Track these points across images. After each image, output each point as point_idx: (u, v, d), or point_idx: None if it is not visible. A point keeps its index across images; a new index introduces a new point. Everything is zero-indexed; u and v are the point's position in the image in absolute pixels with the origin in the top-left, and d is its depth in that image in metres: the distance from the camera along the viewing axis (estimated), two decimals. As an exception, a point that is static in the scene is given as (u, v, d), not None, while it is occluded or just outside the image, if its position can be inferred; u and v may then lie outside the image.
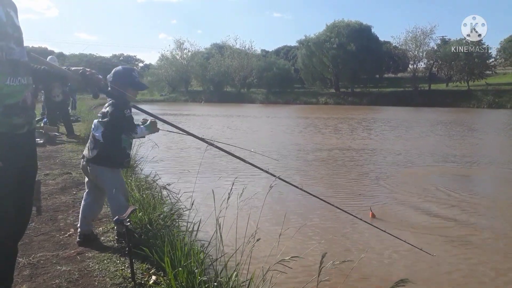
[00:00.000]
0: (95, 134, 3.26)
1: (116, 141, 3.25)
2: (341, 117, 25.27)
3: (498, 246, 4.46)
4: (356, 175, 8.17)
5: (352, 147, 11.95)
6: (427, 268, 3.81)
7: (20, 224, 2.16)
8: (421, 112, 30.89)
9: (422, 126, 19.11)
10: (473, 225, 5.13)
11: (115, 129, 3.23)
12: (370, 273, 3.61)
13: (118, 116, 3.21)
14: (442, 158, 10.10)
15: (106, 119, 3.23)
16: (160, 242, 3.08)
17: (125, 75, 3.28)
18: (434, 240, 4.56)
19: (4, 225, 1.97)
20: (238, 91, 56.78)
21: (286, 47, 67.23)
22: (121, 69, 3.34)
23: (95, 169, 3.29)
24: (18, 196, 2.03)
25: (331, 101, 46.31)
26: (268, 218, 5.13)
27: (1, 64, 1.84)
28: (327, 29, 51.35)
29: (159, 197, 4.75)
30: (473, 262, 4.01)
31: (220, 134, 15.13)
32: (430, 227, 5.03)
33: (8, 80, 1.88)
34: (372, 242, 4.47)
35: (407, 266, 3.86)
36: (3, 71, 1.86)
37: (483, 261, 4.01)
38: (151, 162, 7.15)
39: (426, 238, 4.62)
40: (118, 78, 3.25)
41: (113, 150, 3.26)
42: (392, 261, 3.97)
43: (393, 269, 3.78)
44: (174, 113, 29.79)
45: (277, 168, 8.91)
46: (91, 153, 3.28)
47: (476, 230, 4.94)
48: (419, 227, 5.01)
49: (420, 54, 48.80)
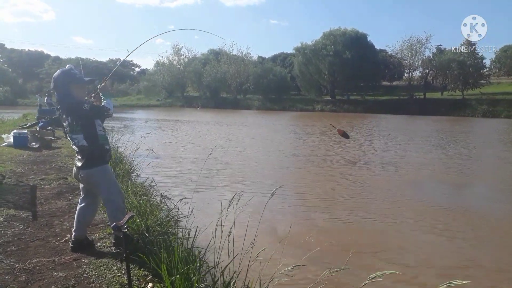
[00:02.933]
0: (79, 144, 3.28)
1: (94, 140, 3.30)
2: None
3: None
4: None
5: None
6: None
7: None
8: (415, 119, 31.07)
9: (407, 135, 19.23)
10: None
11: (92, 126, 3.29)
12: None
13: (85, 114, 3.25)
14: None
15: (78, 124, 3.25)
16: (157, 249, 3.08)
17: (65, 76, 3.30)
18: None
19: None
20: (235, 97, 56.84)
21: (283, 54, 67.44)
22: (59, 72, 3.34)
23: (87, 174, 3.30)
24: None
25: (326, 108, 46.47)
26: (267, 226, 5.13)
27: None
28: (323, 37, 51.63)
29: (156, 203, 4.75)
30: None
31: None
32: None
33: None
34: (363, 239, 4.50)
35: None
36: None
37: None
38: (147, 168, 7.14)
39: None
40: (59, 81, 3.28)
41: (96, 149, 3.31)
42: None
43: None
44: (171, 118, 29.70)
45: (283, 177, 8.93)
46: (80, 162, 3.31)
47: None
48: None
49: (416, 63, 49.19)
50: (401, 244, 4.82)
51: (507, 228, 5.49)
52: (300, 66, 52.24)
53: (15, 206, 4.76)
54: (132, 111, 41.84)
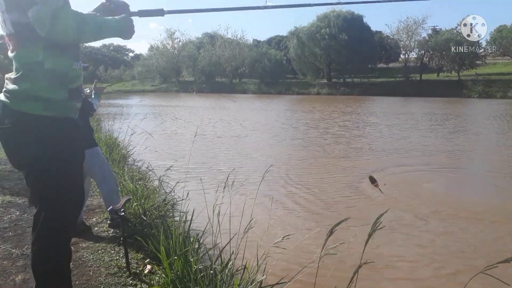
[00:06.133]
0: None
1: (87, 123, 3.62)
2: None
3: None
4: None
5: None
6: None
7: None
8: (410, 102, 31.07)
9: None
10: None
11: (83, 112, 3.46)
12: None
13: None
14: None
15: None
16: (155, 232, 3.08)
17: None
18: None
19: (77, 210, 2.05)
20: (230, 81, 56.46)
21: (278, 37, 66.75)
22: None
23: None
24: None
25: (323, 91, 46.30)
26: (263, 205, 5.15)
27: (68, 47, 1.83)
28: (318, 19, 51.10)
29: (153, 187, 4.74)
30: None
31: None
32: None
33: (73, 64, 1.88)
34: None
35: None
36: (69, 55, 1.85)
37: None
38: (144, 152, 7.11)
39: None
40: None
41: (89, 131, 3.64)
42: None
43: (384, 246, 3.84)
44: (167, 104, 29.56)
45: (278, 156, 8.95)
46: None
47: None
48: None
49: (412, 44, 48.90)
50: (400, 218, 4.85)
51: None
52: (296, 50, 51.81)
53: (11, 193, 4.74)
54: (127, 97, 41.52)
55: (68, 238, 2.06)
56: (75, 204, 2.02)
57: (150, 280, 2.70)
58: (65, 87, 1.87)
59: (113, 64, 69.99)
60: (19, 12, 1.70)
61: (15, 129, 1.81)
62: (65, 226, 1.99)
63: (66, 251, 2.03)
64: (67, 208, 1.97)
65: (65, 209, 1.95)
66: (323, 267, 3.09)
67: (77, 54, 1.93)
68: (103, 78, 47.05)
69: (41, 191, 1.93)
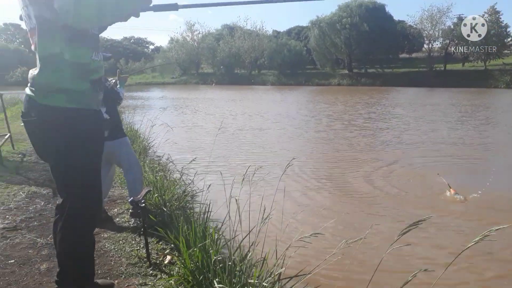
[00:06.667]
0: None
1: (115, 114, 3.68)
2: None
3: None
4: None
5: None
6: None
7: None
8: (434, 92, 30.30)
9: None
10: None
11: (112, 103, 3.63)
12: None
13: (106, 90, 3.47)
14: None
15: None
16: (175, 222, 3.10)
17: None
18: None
19: (99, 196, 2.10)
20: (249, 73, 56.34)
21: (298, 27, 66.00)
22: None
23: (110, 145, 3.42)
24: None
25: (344, 82, 45.68)
26: (283, 198, 5.13)
27: (87, 38, 1.86)
28: (339, 9, 50.28)
29: (173, 179, 4.78)
30: None
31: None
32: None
33: (93, 55, 1.91)
34: (381, 220, 4.45)
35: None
36: (89, 46, 1.88)
37: None
38: (164, 144, 7.18)
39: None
40: None
41: (118, 122, 3.72)
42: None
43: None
44: (187, 96, 29.73)
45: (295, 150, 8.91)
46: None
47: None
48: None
49: (436, 33, 47.53)
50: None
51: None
52: (316, 40, 51.18)
53: (36, 183, 4.86)
54: (148, 89, 42.02)
55: (92, 227, 2.11)
56: (97, 193, 2.07)
57: (170, 270, 2.72)
58: (87, 79, 1.90)
59: (134, 57, 70.77)
60: (40, 5, 1.73)
61: (40, 122, 1.86)
62: (89, 215, 2.04)
63: (90, 240, 2.08)
64: (91, 198, 2.02)
65: (88, 198, 2.00)
66: (344, 261, 3.07)
67: (97, 45, 1.95)
68: (124, 70, 47.89)
69: (66, 181, 1.98)
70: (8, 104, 14.82)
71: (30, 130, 1.94)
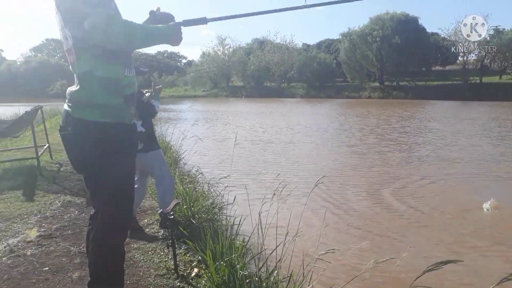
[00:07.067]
0: (137, 130, 3.45)
1: (151, 127, 3.80)
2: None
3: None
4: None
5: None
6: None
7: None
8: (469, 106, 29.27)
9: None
10: None
11: (148, 116, 3.76)
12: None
13: (143, 104, 3.67)
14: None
15: (138, 112, 3.51)
16: (202, 235, 3.12)
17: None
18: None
19: (130, 208, 2.15)
20: (279, 85, 56.61)
21: (328, 40, 65.96)
22: None
23: (144, 156, 3.52)
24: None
25: (375, 95, 45.00)
26: (311, 215, 5.07)
27: (119, 55, 1.95)
28: (371, 22, 49.90)
29: (202, 190, 4.83)
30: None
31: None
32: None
33: (126, 71, 2.00)
34: (415, 238, 4.30)
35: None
36: (121, 62, 1.97)
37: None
38: (194, 156, 7.28)
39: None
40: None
41: (153, 134, 3.83)
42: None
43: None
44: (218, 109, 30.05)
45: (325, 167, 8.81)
46: (139, 146, 3.45)
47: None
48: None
49: (471, 45, 46.15)
50: (459, 238, 4.56)
51: None
52: (347, 53, 50.90)
53: (71, 193, 5.04)
54: (180, 102, 42.91)
55: (122, 239, 2.15)
56: (129, 205, 2.12)
57: (197, 283, 2.73)
58: (120, 93, 1.97)
59: (167, 71, 72.70)
60: (75, 26, 1.82)
61: (76, 135, 1.95)
62: (120, 227, 2.09)
63: (120, 250, 2.13)
64: (122, 210, 2.07)
65: (120, 211, 2.06)
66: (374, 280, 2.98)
67: (129, 61, 2.02)
68: (157, 83, 49.71)
69: (98, 193, 2.05)
70: (48, 116, 15.53)
71: (66, 143, 2.03)
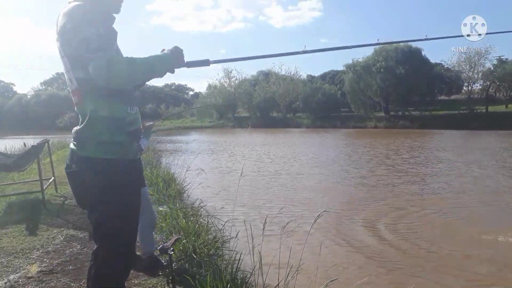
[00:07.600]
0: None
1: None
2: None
3: None
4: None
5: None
6: None
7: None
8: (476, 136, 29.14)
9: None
10: None
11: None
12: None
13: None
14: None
15: None
16: (203, 271, 3.08)
17: None
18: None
19: (133, 246, 2.16)
20: (284, 116, 57.11)
21: (332, 71, 66.91)
22: None
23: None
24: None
25: (380, 124, 45.08)
26: (314, 250, 4.98)
27: (122, 94, 2.02)
28: (374, 53, 50.68)
29: (204, 224, 4.79)
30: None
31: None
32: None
33: (128, 109, 2.06)
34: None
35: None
36: (123, 101, 2.04)
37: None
38: (197, 188, 7.27)
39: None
40: None
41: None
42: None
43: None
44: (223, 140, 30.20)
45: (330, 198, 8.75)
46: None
47: None
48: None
49: (475, 75, 46.53)
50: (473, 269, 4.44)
51: None
52: (351, 83, 51.43)
53: (74, 227, 5.02)
54: (186, 133, 43.29)
55: (124, 277, 2.14)
56: (132, 242, 2.12)
57: (197, 321, 2.67)
58: (123, 131, 2.02)
59: (174, 102, 73.88)
60: (81, 69, 1.91)
61: (80, 173, 1.99)
62: (122, 265, 2.08)
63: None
64: (124, 247, 2.06)
65: (123, 249, 2.05)
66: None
67: (131, 99, 2.09)
68: (165, 115, 50.59)
69: (102, 230, 2.04)
70: (56, 148, 15.71)
71: (71, 180, 2.07)
